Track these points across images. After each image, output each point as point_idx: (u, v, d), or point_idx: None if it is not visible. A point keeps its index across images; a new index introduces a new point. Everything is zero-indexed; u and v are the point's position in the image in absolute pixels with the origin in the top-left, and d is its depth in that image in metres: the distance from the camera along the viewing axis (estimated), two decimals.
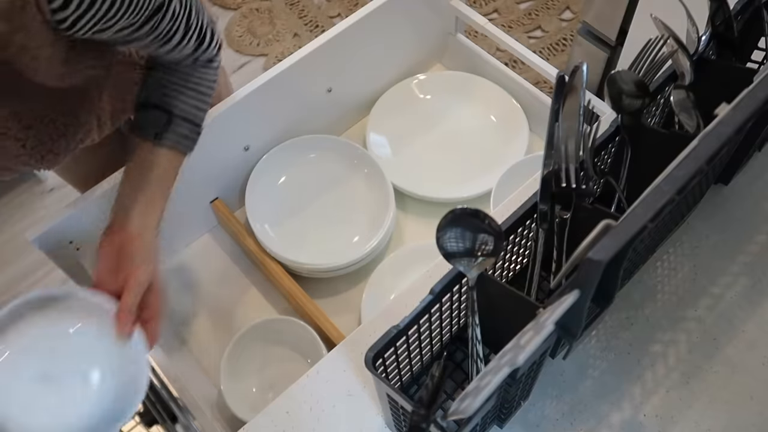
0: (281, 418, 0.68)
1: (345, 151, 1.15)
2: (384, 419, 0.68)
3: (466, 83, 1.23)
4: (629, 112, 0.66)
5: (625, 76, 0.65)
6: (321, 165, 1.14)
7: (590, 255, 0.47)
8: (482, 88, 1.22)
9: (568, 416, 0.69)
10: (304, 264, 1.03)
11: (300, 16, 2.08)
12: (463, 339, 0.70)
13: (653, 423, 0.69)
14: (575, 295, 0.48)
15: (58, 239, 0.89)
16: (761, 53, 0.76)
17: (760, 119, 0.71)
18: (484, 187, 1.10)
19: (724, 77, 0.69)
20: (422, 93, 1.25)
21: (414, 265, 1.04)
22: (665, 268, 0.77)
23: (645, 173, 0.56)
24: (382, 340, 0.56)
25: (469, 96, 1.23)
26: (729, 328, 0.74)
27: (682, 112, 0.65)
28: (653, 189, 0.50)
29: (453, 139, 1.20)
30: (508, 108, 1.20)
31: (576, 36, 1.45)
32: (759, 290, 0.76)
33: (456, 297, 0.62)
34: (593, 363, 0.72)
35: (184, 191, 0.83)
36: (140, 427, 1.27)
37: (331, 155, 1.15)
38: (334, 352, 0.71)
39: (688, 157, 0.52)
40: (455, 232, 0.55)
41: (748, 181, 0.82)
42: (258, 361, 1.00)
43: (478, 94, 1.23)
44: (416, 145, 1.20)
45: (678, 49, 0.67)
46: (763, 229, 0.79)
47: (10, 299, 0.67)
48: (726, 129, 0.52)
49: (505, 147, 1.17)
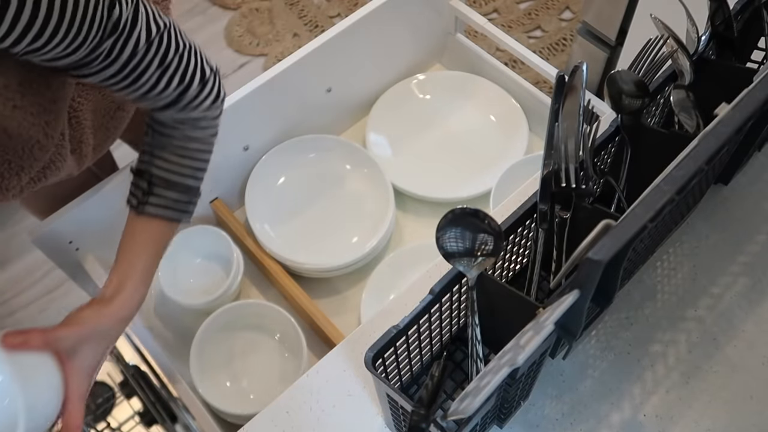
0: (281, 418, 0.68)
1: (345, 151, 1.15)
2: (384, 419, 0.68)
3: (466, 83, 1.23)
4: (629, 112, 0.66)
5: (625, 76, 0.65)
6: (321, 165, 1.14)
7: (590, 255, 0.46)
8: (482, 88, 1.23)
9: (568, 416, 0.69)
10: (303, 264, 1.03)
11: (300, 16, 2.08)
12: (463, 339, 0.70)
13: (653, 423, 0.69)
14: (575, 295, 0.48)
15: (57, 239, 0.89)
16: (761, 53, 0.76)
17: (760, 119, 0.71)
18: (484, 187, 1.10)
19: (724, 77, 0.69)
20: (422, 93, 1.25)
21: (414, 265, 1.04)
22: (665, 268, 0.77)
23: (645, 173, 0.56)
24: (382, 340, 0.56)
25: (468, 96, 1.23)
26: (729, 328, 0.74)
27: (682, 112, 0.65)
28: (653, 189, 0.50)
29: (452, 139, 1.21)
30: (508, 108, 1.20)
31: (576, 36, 1.45)
32: (759, 290, 0.76)
33: (456, 297, 0.62)
34: (593, 363, 0.72)
35: None
36: (140, 427, 1.28)
37: (331, 155, 1.15)
38: (334, 352, 0.71)
39: (688, 157, 0.52)
40: (455, 232, 0.55)
41: (748, 181, 0.82)
42: (225, 352, 1.01)
43: (478, 94, 1.23)
44: (416, 145, 1.20)
45: (678, 49, 0.67)
46: (763, 229, 0.79)
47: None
48: (726, 129, 0.52)
49: (505, 147, 1.17)
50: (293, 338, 0.97)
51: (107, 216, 0.82)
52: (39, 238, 0.87)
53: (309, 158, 1.15)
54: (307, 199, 1.13)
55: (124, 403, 1.28)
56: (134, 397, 1.27)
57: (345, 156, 1.14)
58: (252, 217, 1.06)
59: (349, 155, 1.14)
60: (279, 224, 1.09)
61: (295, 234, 1.09)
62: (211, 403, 0.93)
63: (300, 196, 1.13)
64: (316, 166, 1.14)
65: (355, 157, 1.14)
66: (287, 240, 1.07)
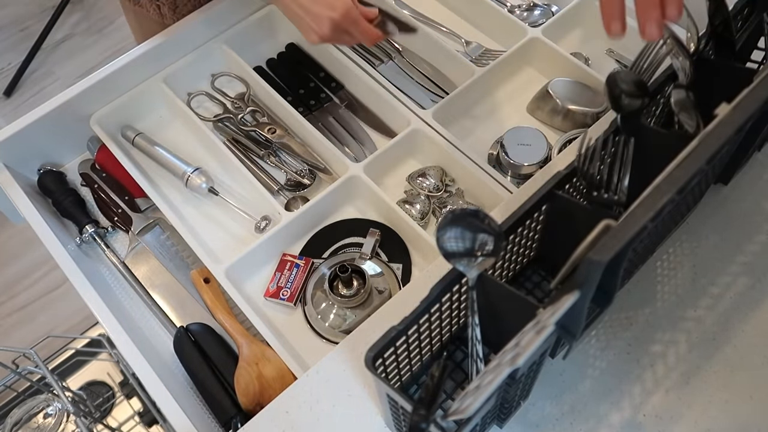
0: (281, 418, 0.68)
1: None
2: (384, 419, 0.68)
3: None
4: (629, 112, 0.66)
5: (625, 76, 0.65)
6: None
7: (590, 255, 0.47)
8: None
9: (568, 416, 0.69)
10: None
11: None
12: (463, 339, 0.70)
13: (653, 423, 0.69)
14: (575, 295, 0.48)
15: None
16: (761, 53, 0.76)
17: (760, 119, 0.71)
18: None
19: (724, 77, 0.69)
20: None
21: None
22: (665, 268, 0.77)
23: (645, 173, 0.56)
24: (382, 340, 0.56)
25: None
26: (729, 328, 0.74)
27: (682, 112, 0.65)
28: (653, 189, 0.50)
29: None
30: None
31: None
32: (759, 290, 0.76)
33: (456, 297, 0.62)
34: (593, 363, 0.72)
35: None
36: (140, 427, 1.28)
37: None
38: (334, 352, 0.71)
39: (688, 157, 0.52)
40: (455, 232, 0.55)
41: (748, 181, 0.83)
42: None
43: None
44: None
45: (678, 48, 0.67)
46: (763, 229, 0.79)
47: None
48: (726, 129, 0.52)
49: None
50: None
51: None
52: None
53: None
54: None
55: (124, 403, 1.28)
56: (134, 397, 1.27)
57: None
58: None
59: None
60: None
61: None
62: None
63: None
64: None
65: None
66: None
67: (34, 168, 0.95)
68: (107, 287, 0.88)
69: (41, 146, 0.94)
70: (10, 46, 2.34)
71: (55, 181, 0.94)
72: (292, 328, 0.83)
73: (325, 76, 1.02)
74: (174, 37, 0.96)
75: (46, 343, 1.16)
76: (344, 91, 1.01)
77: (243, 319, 0.83)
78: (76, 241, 0.91)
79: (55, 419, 1.20)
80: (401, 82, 1.00)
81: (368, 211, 0.91)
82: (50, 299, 1.75)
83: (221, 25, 1.01)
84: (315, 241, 0.89)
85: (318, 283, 0.84)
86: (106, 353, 1.25)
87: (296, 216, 0.86)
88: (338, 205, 0.92)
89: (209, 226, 0.91)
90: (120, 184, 0.95)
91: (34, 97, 2.23)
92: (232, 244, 0.89)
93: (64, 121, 0.92)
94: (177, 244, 0.91)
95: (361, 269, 0.81)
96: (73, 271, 0.81)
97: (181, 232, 0.86)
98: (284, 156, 0.96)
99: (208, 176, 0.92)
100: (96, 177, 0.96)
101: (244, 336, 0.82)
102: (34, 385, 1.13)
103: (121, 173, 0.93)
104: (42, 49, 2.31)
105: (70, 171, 0.98)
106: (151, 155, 0.95)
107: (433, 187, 0.89)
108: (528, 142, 0.90)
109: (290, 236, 0.88)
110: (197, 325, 0.85)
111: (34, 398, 1.21)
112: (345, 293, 0.81)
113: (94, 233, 0.91)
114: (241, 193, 0.93)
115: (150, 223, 0.93)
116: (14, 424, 1.19)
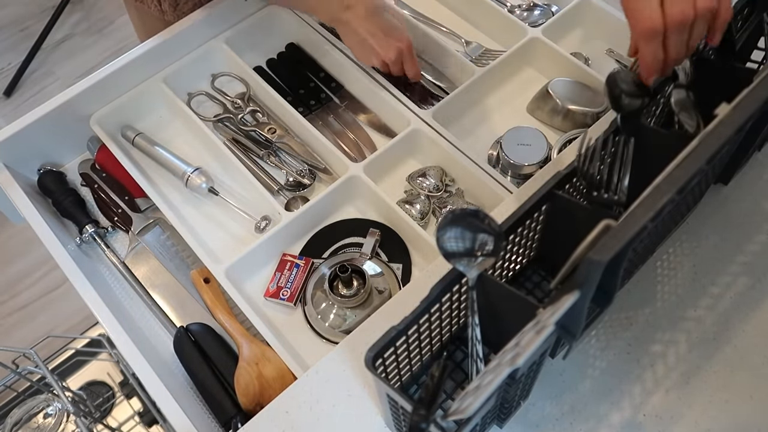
0: (281, 418, 0.68)
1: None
2: (384, 419, 0.68)
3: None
4: (629, 112, 0.66)
5: (625, 76, 0.65)
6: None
7: (590, 255, 0.47)
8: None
9: (568, 416, 0.69)
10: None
11: None
12: (463, 339, 0.70)
13: (653, 423, 0.69)
14: (575, 295, 0.48)
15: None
16: (761, 53, 0.76)
17: (760, 119, 0.71)
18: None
19: (724, 77, 0.69)
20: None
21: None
22: (665, 268, 0.77)
23: (645, 173, 0.56)
24: (382, 340, 0.56)
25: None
26: (729, 328, 0.74)
27: (682, 112, 0.65)
28: (653, 189, 0.50)
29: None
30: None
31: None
32: (759, 290, 0.76)
33: (456, 297, 0.62)
34: (593, 363, 0.72)
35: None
36: (140, 427, 1.27)
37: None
38: (334, 352, 0.71)
39: (688, 157, 0.52)
40: (455, 232, 0.55)
41: (748, 181, 0.83)
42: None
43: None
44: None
45: None
46: (763, 229, 0.79)
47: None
48: (726, 129, 0.52)
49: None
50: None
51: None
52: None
53: None
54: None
55: (124, 403, 1.28)
56: (134, 397, 1.27)
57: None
58: None
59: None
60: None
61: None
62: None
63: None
64: None
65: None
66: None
67: (34, 168, 0.95)
68: (107, 287, 0.88)
69: (41, 146, 0.94)
70: (10, 46, 2.34)
71: (55, 181, 0.94)
72: (292, 328, 0.83)
73: (325, 76, 1.02)
74: (174, 37, 0.96)
75: (46, 343, 1.16)
76: (344, 91, 1.01)
77: (243, 319, 0.83)
78: (76, 241, 0.91)
79: (55, 419, 1.20)
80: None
81: (368, 211, 0.91)
82: (50, 299, 1.76)
83: (221, 25, 1.01)
84: (315, 241, 0.89)
85: (318, 283, 0.84)
86: (106, 353, 1.25)
87: (296, 216, 0.86)
88: (338, 205, 0.92)
89: (209, 226, 0.91)
90: (120, 184, 0.95)
91: (34, 97, 2.23)
92: (232, 244, 0.89)
93: (64, 121, 0.92)
94: (177, 244, 0.91)
95: (361, 269, 0.81)
96: (73, 271, 0.81)
97: (181, 232, 0.86)
98: (284, 156, 0.95)
99: (208, 176, 0.92)
100: (96, 177, 0.96)
101: (244, 336, 0.82)
102: (34, 385, 1.13)
103: (121, 173, 0.93)
104: (42, 49, 2.31)
105: (70, 171, 0.98)
106: (151, 155, 0.95)
107: (433, 187, 0.89)
108: (528, 142, 0.90)
109: (290, 236, 0.88)
110: (197, 325, 0.85)
111: (34, 398, 1.21)
112: (345, 293, 0.81)
113: (94, 233, 0.91)
114: (241, 193, 0.93)
115: (150, 223, 0.93)
116: (14, 424, 1.19)
